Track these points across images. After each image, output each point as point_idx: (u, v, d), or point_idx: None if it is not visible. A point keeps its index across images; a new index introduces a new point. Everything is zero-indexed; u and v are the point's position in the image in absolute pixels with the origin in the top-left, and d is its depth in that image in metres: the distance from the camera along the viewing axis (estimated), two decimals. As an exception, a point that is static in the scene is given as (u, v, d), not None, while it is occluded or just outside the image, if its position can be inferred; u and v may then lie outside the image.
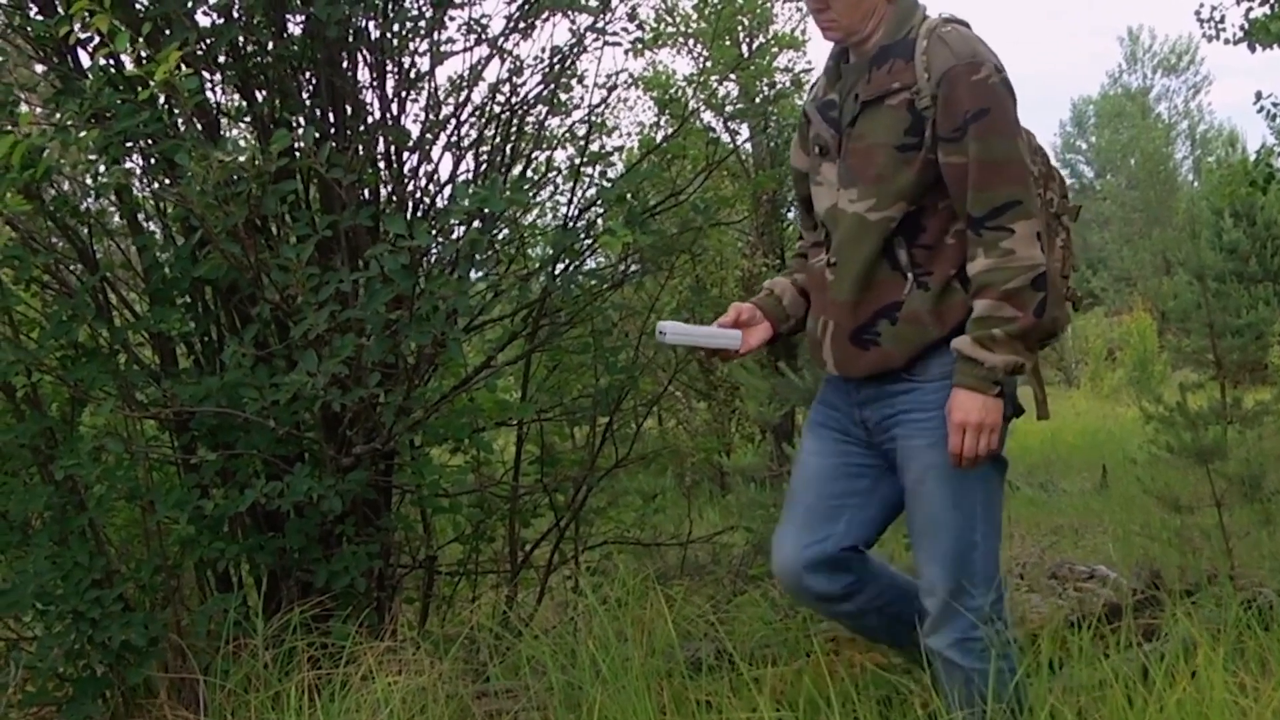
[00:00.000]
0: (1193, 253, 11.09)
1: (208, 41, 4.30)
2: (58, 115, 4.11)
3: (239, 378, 4.09)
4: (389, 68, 4.56)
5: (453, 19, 4.54)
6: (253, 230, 4.10)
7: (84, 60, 4.41)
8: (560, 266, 4.81)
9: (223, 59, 4.46)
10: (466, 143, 4.72)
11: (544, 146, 5.15)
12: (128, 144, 4.18)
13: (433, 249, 4.25)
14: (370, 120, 4.55)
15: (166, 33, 4.09)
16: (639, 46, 5.32)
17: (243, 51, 4.50)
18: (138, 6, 4.36)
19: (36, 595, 4.15)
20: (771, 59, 9.05)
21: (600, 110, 5.24)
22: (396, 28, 4.42)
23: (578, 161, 5.15)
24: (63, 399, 4.67)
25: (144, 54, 3.74)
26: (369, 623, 4.18)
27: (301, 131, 3.88)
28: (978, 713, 3.01)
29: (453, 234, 4.35)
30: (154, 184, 4.47)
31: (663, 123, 6.17)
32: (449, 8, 4.45)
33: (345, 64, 4.50)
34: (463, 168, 4.71)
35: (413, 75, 4.60)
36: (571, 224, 4.98)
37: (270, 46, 4.44)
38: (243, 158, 3.72)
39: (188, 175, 3.80)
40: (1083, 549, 8.26)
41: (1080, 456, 13.78)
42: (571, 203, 5.11)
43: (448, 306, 4.04)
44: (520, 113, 4.83)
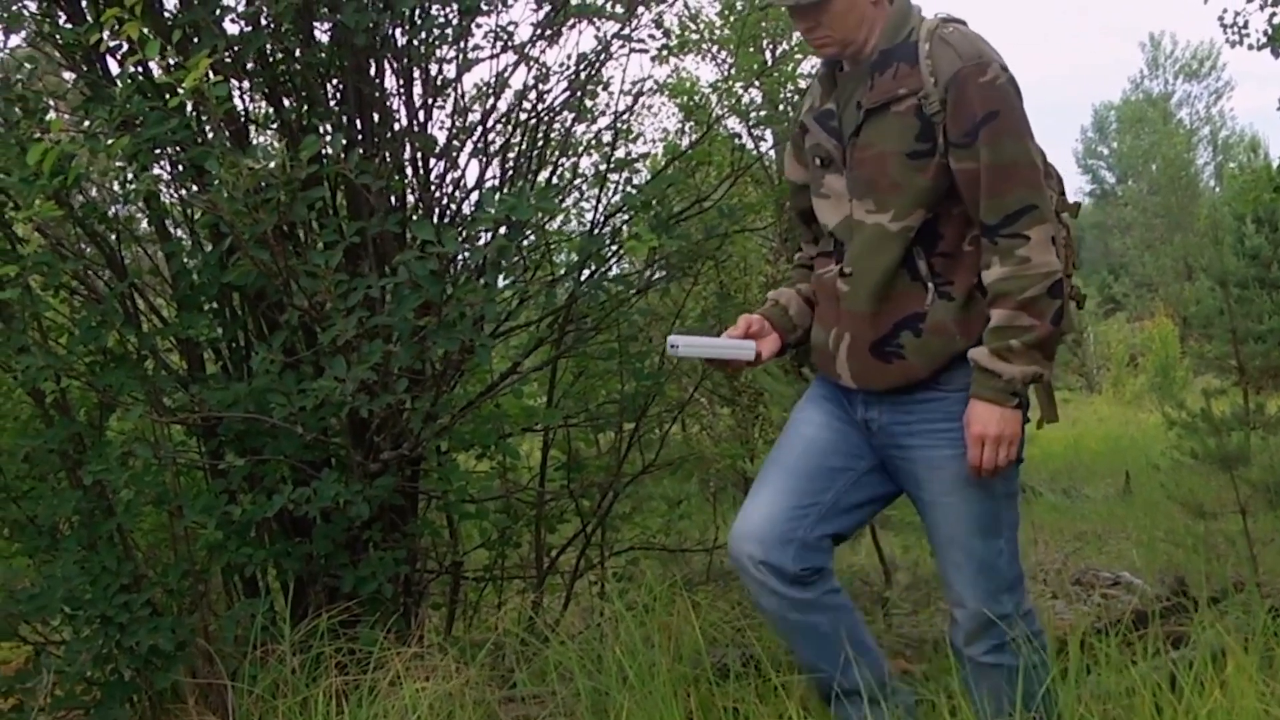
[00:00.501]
0: (1215, 258, 11.07)
1: (236, 49, 4.31)
2: (87, 122, 4.13)
3: (267, 383, 4.10)
4: (416, 75, 4.56)
5: (479, 26, 4.54)
6: (281, 237, 4.10)
7: (113, 68, 4.44)
8: (586, 272, 4.82)
9: (251, 66, 4.46)
10: (493, 149, 4.72)
11: (570, 153, 5.15)
12: (156, 151, 4.19)
13: (460, 255, 4.25)
14: (397, 127, 4.55)
15: (195, 40, 4.11)
16: (664, 53, 5.32)
17: (271, 59, 4.51)
18: (166, 15, 4.39)
19: (65, 600, 4.17)
20: (795, 66, 9.01)
21: (626, 117, 5.24)
22: (423, 35, 4.42)
23: (603, 168, 5.15)
24: (91, 404, 4.69)
25: (173, 61, 3.75)
26: (396, 628, 4.18)
27: (330, 138, 3.88)
28: (1021, 708, 3.00)
29: (479, 240, 4.35)
30: (182, 191, 4.49)
31: (687, 129, 6.18)
32: (476, 15, 4.45)
33: (372, 71, 4.50)
34: (489, 174, 4.71)
35: (439, 82, 4.59)
36: (597, 230, 4.99)
37: (298, 54, 4.44)
38: (272, 165, 3.73)
39: (217, 182, 3.81)
40: (1106, 555, 8.24)
41: (1103, 462, 13.73)
42: (597, 209, 5.11)
43: (475, 313, 4.04)
44: (546, 119, 4.83)
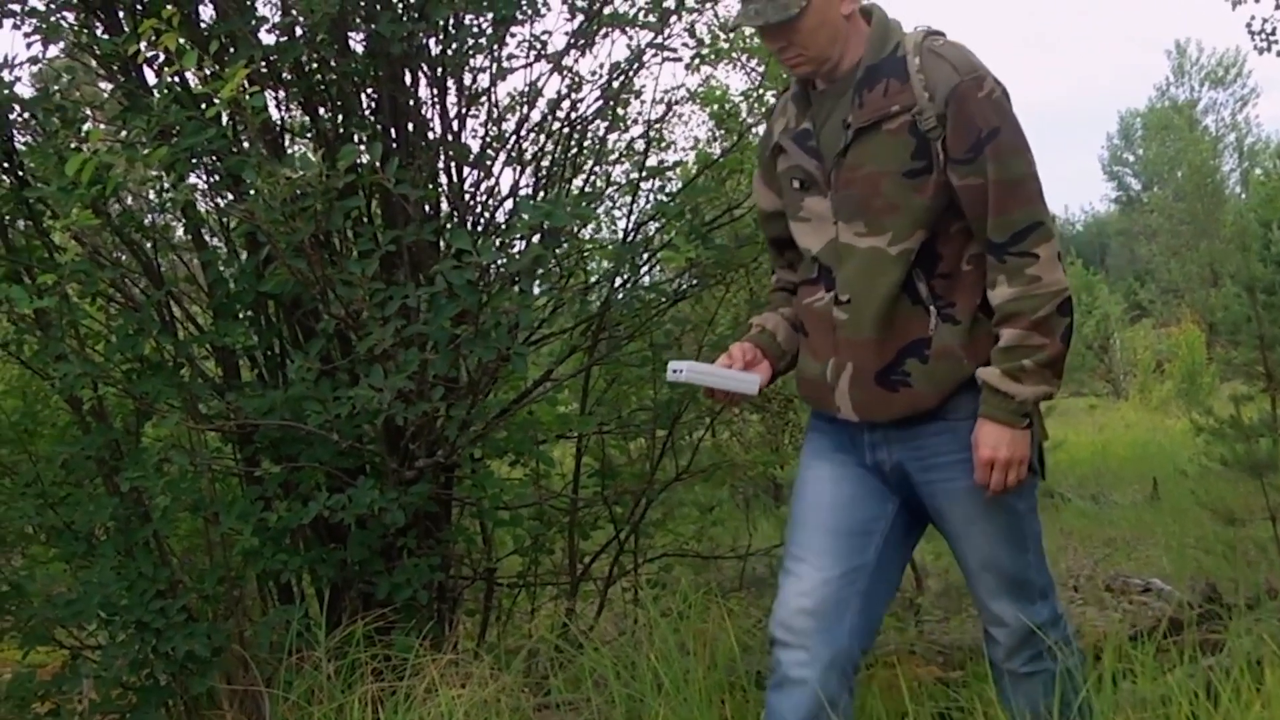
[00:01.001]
0: (1242, 264, 11.03)
1: (272, 59, 4.33)
2: (124, 132, 4.17)
3: (302, 391, 4.11)
4: (450, 84, 4.58)
5: (513, 35, 4.57)
6: (317, 245, 4.12)
7: (150, 78, 4.46)
8: (619, 280, 4.83)
9: (287, 76, 4.50)
10: (527, 158, 4.74)
11: (603, 161, 5.17)
12: (193, 160, 4.22)
13: (495, 264, 4.27)
14: (431, 136, 4.57)
15: (232, 51, 4.13)
16: (697, 62, 5.33)
17: (306, 69, 4.54)
18: (203, 25, 4.43)
19: (101, 605, 4.19)
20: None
21: (658, 125, 5.25)
22: (458, 45, 4.44)
23: (635, 176, 5.15)
24: (128, 412, 4.72)
25: (209, 71, 3.77)
26: (431, 635, 4.19)
27: (367, 147, 3.90)
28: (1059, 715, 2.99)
29: (514, 249, 4.37)
30: (219, 200, 4.52)
31: (718, 137, 6.18)
32: (510, 25, 4.47)
33: (407, 80, 4.53)
34: (523, 183, 4.73)
35: (474, 91, 4.62)
36: (630, 238, 5.00)
37: (333, 64, 4.46)
38: (309, 174, 3.74)
39: (253, 191, 3.84)
40: (1136, 561, 8.23)
41: (1130, 468, 13.68)
42: (630, 217, 5.12)
43: (510, 321, 4.05)
44: (580, 128, 4.85)
